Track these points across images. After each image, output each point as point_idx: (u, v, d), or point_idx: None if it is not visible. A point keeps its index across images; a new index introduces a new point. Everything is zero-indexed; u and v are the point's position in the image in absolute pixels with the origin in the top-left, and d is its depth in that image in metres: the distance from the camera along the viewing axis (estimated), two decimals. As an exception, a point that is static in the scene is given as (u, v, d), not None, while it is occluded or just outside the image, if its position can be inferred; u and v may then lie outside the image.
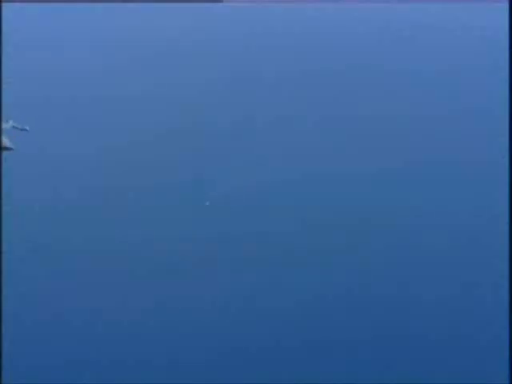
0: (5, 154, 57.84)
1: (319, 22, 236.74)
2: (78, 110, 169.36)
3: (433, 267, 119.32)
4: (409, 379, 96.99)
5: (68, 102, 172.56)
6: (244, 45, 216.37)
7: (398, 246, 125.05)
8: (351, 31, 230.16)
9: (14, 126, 61.77)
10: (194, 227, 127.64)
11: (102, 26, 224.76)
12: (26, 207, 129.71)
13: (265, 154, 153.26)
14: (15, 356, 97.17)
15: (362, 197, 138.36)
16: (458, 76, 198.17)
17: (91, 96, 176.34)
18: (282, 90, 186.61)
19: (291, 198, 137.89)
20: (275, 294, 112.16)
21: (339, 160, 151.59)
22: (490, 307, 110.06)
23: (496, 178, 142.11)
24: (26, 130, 59.17)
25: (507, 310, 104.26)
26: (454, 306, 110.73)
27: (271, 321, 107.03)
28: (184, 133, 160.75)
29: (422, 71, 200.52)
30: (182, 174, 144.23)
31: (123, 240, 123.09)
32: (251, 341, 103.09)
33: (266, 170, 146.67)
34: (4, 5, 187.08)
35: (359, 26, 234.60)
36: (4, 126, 59.73)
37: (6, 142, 60.50)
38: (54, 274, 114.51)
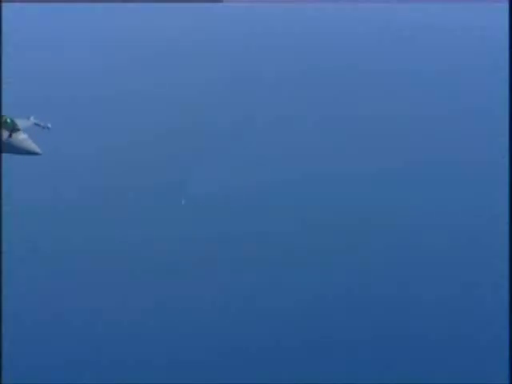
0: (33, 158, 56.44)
1: (319, 22, 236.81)
2: (78, 110, 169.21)
3: (433, 267, 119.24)
4: (409, 379, 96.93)
5: (68, 102, 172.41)
6: (244, 45, 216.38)
7: (397, 246, 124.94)
8: (351, 31, 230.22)
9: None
10: (193, 227, 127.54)
11: (102, 26, 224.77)
12: (27, 207, 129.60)
13: (265, 154, 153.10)
14: (15, 356, 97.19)
15: (361, 197, 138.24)
16: (458, 76, 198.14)
17: (91, 96, 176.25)
18: (281, 90, 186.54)
19: (291, 197, 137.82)
20: (275, 294, 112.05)
21: (339, 160, 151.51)
22: (490, 307, 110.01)
23: (496, 178, 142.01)
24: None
25: (507, 310, 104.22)
26: (454, 306, 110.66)
27: (271, 321, 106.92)
28: (183, 132, 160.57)
29: (422, 71, 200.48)
30: (180, 173, 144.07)
31: (123, 240, 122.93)
32: (251, 341, 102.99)
33: (265, 170, 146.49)
34: (4, 5, 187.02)
35: (359, 26, 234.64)
36: (25, 124, 57.88)
37: (32, 145, 57.97)
38: (54, 274, 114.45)
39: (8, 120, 57.61)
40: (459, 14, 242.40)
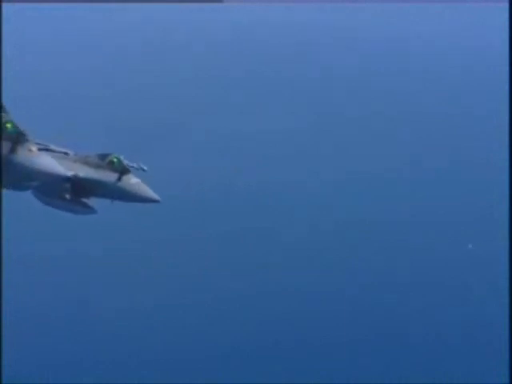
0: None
1: (319, 22, 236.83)
2: (77, 110, 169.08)
3: (433, 267, 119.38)
4: (409, 379, 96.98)
5: (66, 102, 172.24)
6: (244, 45, 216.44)
7: (397, 246, 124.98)
8: (351, 31, 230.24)
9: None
10: (193, 227, 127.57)
11: (103, 27, 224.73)
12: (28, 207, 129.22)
13: (264, 153, 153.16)
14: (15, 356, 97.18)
15: (360, 197, 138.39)
16: (458, 76, 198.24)
17: (90, 96, 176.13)
18: (281, 90, 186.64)
19: (291, 197, 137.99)
20: (274, 294, 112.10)
21: (338, 160, 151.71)
22: (490, 307, 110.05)
23: (496, 178, 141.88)
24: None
25: (507, 310, 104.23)
26: (454, 307, 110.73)
27: (270, 321, 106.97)
28: (183, 132, 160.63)
29: (422, 71, 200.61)
30: (181, 172, 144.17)
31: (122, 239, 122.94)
32: (250, 341, 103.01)
33: (264, 170, 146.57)
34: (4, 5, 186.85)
35: (360, 27, 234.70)
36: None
37: (148, 191, 46.76)
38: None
39: (115, 159, 47.12)
40: (459, 14, 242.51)
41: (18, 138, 44.75)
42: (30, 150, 44.58)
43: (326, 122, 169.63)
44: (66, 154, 46.80)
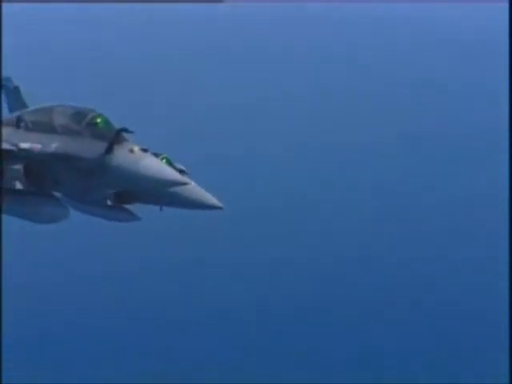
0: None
1: (319, 21, 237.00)
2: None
3: (432, 267, 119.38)
4: (409, 379, 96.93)
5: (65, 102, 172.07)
6: (244, 45, 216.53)
7: (397, 245, 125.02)
8: (351, 30, 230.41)
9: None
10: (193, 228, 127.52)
11: (103, 27, 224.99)
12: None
13: (264, 153, 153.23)
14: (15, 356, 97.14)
15: (357, 195, 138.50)
16: (458, 75, 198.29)
17: (89, 96, 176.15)
18: (281, 89, 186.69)
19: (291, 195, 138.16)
20: (274, 294, 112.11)
21: (338, 161, 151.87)
22: (490, 307, 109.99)
23: (496, 175, 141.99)
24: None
25: (507, 310, 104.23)
26: (455, 306, 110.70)
27: (270, 321, 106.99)
28: (183, 133, 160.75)
29: (422, 71, 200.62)
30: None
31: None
32: (250, 341, 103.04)
33: (265, 170, 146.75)
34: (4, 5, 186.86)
35: (360, 25, 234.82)
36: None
37: (208, 197, 38.14)
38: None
39: (164, 160, 39.51)
40: (459, 13, 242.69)
41: (116, 137, 36.50)
42: (132, 151, 36.19)
43: (325, 119, 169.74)
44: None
